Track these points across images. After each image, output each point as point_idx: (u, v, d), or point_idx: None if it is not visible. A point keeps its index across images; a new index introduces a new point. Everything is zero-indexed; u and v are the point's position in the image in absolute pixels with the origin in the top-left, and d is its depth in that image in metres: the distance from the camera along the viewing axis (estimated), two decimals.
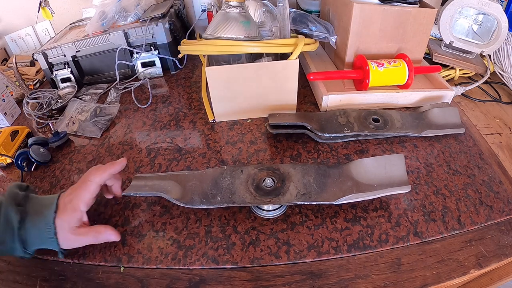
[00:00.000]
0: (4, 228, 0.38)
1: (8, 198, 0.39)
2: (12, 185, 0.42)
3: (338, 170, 0.47)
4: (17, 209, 0.39)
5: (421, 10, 0.62)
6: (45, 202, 0.41)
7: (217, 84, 0.58)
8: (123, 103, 0.71)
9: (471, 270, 0.40)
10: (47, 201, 0.41)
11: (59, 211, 0.40)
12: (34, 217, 0.39)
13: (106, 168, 0.43)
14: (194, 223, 0.45)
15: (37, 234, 0.39)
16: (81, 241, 0.41)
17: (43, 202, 0.41)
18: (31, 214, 0.39)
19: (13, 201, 0.39)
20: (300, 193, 0.44)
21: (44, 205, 0.41)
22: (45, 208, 0.40)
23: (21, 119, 0.71)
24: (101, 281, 0.40)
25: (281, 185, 0.45)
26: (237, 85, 0.58)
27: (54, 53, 0.73)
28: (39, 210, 0.40)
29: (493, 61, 0.75)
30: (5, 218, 0.38)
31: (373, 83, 0.61)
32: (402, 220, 0.44)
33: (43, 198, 0.42)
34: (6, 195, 0.40)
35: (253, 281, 0.39)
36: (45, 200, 0.42)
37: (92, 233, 0.41)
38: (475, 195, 0.48)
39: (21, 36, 0.96)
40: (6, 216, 0.38)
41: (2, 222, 0.38)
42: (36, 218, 0.39)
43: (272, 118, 0.56)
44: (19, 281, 0.41)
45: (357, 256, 0.41)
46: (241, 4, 0.57)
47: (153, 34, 0.74)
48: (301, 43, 0.56)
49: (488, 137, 0.60)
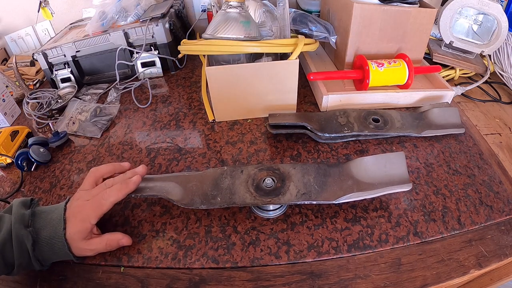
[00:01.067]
0: (19, 253, 0.38)
1: (16, 223, 0.39)
2: (17, 205, 0.41)
3: (338, 169, 0.47)
4: (28, 232, 0.38)
5: (421, 10, 0.62)
6: (52, 217, 0.41)
7: (217, 84, 0.58)
8: (123, 103, 0.71)
9: (471, 270, 0.40)
10: (55, 215, 0.41)
11: (69, 224, 0.40)
12: (45, 236, 0.39)
13: (123, 190, 0.43)
14: (194, 223, 0.45)
15: (51, 251, 0.39)
16: (94, 251, 0.41)
17: (51, 217, 0.41)
18: (42, 234, 0.39)
19: (22, 224, 0.39)
20: (300, 192, 0.43)
21: (52, 220, 0.40)
22: (54, 225, 0.40)
23: (21, 119, 0.71)
24: (101, 281, 0.40)
25: (281, 185, 0.44)
26: (237, 85, 0.58)
27: (54, 53, 0.73)
28: (49, 227, 0.40)
29: (493, 61, 0.75)
30: (18, 243, 0.38)
31: (373, 83, 0.61)
32: (402, 220, 0.44)
33: (50, 212, 0.41)
34: (13, 219, 0.39)
35: (253, 281, 0.39)
36: (52, 214, 0.41)
37: (104, 242, 0.41)
38: (475, 195, 0.48)
39: (21, 36, 0.96)
40: (19, 241, 0.38)
41: (17, 247, 0.38)
42: (47, 236, 0.39)
43: (272, 118, 0.56)
44: (19, 281, 0.42)
45: (357, 256, 0.41)
46: (241, 4, 0.57)
47: (153, 34, 0.74)
48: (301, 43, 0.56)
49: (488, 137, 0.60)
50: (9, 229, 0.39)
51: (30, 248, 0.38)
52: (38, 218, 0.40)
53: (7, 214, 0.40)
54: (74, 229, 0.40)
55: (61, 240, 0.39)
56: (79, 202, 0.42)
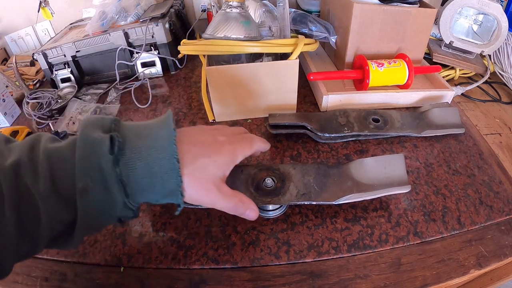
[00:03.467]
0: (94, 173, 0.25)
1: (86, 126, 0.26)
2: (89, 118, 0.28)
3: (338, 170, 0.47)
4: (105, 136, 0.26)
5: (421, 10, 0.62)
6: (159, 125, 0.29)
7: (217, 84, 0.58)
8: (123, 103, 0.71)
9: (471, 270, 0.40)
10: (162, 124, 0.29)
11: (198, 143, 0.30)
12: (137, 142, 0.27)
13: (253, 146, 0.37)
14: (194, 223, 0.45)
15: (147, 167, 0.27)
16: (218, 199, 0.32)
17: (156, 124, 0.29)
18: (130, 140, 0.27)
19: (98, 127, 0.27)
20: (300, 193, 0.43)
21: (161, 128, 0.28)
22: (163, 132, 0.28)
23: (21, 119, 0.71)
24: (101, 281, 0.40)
25: (281, 185, 0.44)
26: (237, 85, 0.58)
27: (54, 53, 0.73)
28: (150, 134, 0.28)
29: (493, 61, 0.75)
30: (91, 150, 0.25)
31: (373, 83, 0.61)
32: (402, 220, 0.44)
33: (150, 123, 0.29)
34: (83, 124, 0.27)
35: (253, 281, 0.39)
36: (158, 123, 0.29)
37: (236, 198, 0.33)
38: (475, 195, 0.48)
39: (21, 36, 0.96)
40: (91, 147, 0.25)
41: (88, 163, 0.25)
42: (142, 142, 0.28)
43: (272, 118, 0.56)
44: (19, 281, 0.41)
45: (357, 256, 0.41)
46: (241, 4, 0.57)
47: (153, 34, 0.74)
48: (301, 43, 0.56)
49: (488, 137, 0.60)
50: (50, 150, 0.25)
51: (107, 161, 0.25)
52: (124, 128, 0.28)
53: None
54: (216, 157, 0.30)
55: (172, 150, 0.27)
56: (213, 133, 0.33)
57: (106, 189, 0.26)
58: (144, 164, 0.27)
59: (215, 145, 0.33)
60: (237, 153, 0.34)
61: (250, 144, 0.37)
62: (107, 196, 0.27)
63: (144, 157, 0.27)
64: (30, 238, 0.25)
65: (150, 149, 0.28)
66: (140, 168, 0.27)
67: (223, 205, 0.33)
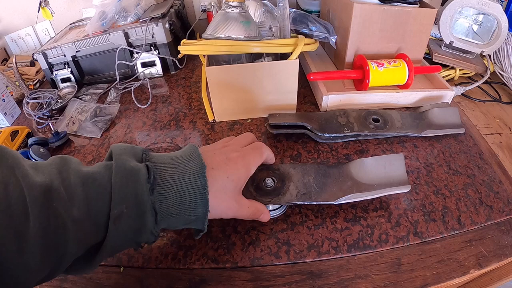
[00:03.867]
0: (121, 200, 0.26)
1: (121, 155, 0.28)
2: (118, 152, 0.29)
3: (338, 170, 0.47)
4: (142, 166, 0.28)
5: (421, 10, 0.62)
6: (186, 164, 0.30)
7: (217, 84, 0.58)
8: (123, 103, 0.71)
9: (471, 270, 0.40)
10: (184, 154, 0.31)
11: (214, 173, 0.31)
12: (169, 172, 0.29)
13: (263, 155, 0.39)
14: None
15: (177, 196, 0.29)
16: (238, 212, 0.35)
17: (177, 155, 0.31)
18: (162, 170, 0.29)
19: (132, 156, 0.28)
20: (301, 193, 0.43)
21: (183, 158, 0.30)
22: (188, 161, 0.30)
23: (21, 119, 0.71)
24: (101, 281, 0.40)
25: (281, 185, 0.44)
26: (237, 85, 0.58)
27: (54, 53, 0.73)
28: (176, 164, 0.30)
29: (493, 61, 0.75)
30: (127, 177, 0.26)
31: (373, 83, 0.61)
32: (402, 220, 0.44)
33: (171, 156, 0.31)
34: (115, 156, 0.28)
35: (253, 281, 0.39)
36: (177, 155, 0.31)
37: (253, 207, 0.36)
38: (475, 195, 0.48)
39: (21, 36, 0.96)
40: (126, 174, 0.26)
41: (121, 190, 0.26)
42: (174, 173, 0.29)
43: (272, 118, 0.56)
44: None
45: (357, 256, 0.41)
46: (241, 4, 0.57)
47: (153, 34, 0.74)
48: (301, 43, 0.56)
49: (488, 137, 0.60)
50: None
51: (146, 185, 0.26)
52: (152, 159, 0.30)
53: None
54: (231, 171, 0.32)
55: (200, 186, 0.29)
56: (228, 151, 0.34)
57: (139, 216, 0.27)
58: (175, 193, 0.29)
59: (229, 163, 0.35)
60: (250, 165, 0.37)
61: (261, 154, 0.39)
62: (139, 223, 0.28)
63: (175, 187, 0.29)
64: (52, 262, 0.25)
65: (181, 180, 0.29)
66: (171, 198, 0.29)
67: (242, 215, 0.37)
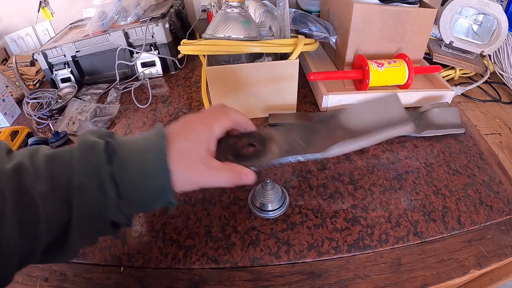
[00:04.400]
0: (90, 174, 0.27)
1: (84, 133, 0.29)
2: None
3: (325, 123, 0.41)
4: (99, 140, 0.28)
5: (421, 10, 0.62)
6: (142, 137, 0.31)
7: (217, 84, 0.58)
8: (123, 103, 0.71)
9: (471, 270, 0.40)
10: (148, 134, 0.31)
11: (174, 137, 0.30)
12: (129, 145, 0.30)
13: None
14: (194, 223, 0.45)
15: (137, 165, 0.29)
16: (211, 177, 0.32)
17: (139, 138, 0.31)
18: (123, 144, 0.29)
19: (95, 135, 0.29)
20: (284, 150, 0.38)
21: (143, 137, 0.31)
22: (148, 136, 0.30)
23: (21, 119, 0.71)
24: (101, 281, 0.40)
25: (262, 148, 0.39)
26: (237, 85, 0.58)
27: (54, 53, 0.73)
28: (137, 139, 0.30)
29: (493, 61, 0.75)
30: (87, 151, 0.27)
31: (373, 83, 0.61)
32: (402, 220, 0.44)
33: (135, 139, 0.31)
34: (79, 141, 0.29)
35: (253, 281, 0.39)
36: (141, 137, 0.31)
37: (228, 169, 0.33)
38: (475, 195, 0.48)
39: (21, 36, 0.96)
40: (88, 149, 0.28)
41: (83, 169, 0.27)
42: (134, 145, 0.30)
43: (272, 118, 0.56)
44: (19, 281, 0.41)
45: (357, 256, 0.41)
46: (241, 4, 0.57)
47: (153, 34, 0.74)
48: (301, 43, 0.56)
49: (488, 137, 0.60)
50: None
51: (103, 159, 0.27)
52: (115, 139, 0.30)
53: None
54: (188, 138, 0.31)
55: (158, 152, 0.29)
56: None
57: (100, 186, 0.27)
58: (135, 164, 0.29)
59: (188, 125, 0.34)
60: (213, 126, 0.34)
61: (225, 114, 0.36)
62: (101, 195, 0.28)
63: (135, 157, 0.29)
64: (29, 239, 0.26)
65: (140, 151, 0.30)
66: (131, 168, 0.29)
67: (217, 180, 0.33)
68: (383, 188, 0.49)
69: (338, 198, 0.47)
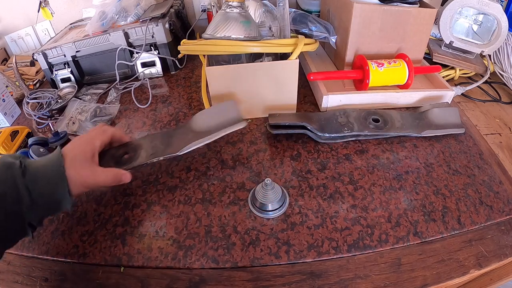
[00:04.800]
0: None
1: (3, 157, 0.38)
2: None
3: (181, 129, 0.53)
4: (15, 160, 0.37)
5: (421, 10, 0.62)
6: (47, 157, 0.40)
7: (217, 84, 0.58)
8: (123, 103, 0.71)
9: (471, 270, 0.40)
10: (50, 155, 0.41)
11: (69, 151, 0.41)
12: (37, 165, 0.38)
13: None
14: (194, 223, 0.45)
15: (43, 176, 0.38)
16: (97, 178, 0.42)
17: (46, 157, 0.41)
18: (33, 163, 0.38)
19: (12, 158, 0.37)
20: (149, 153, 0.49)
21: (48, 157, 0.40)
22: (50, 157, 0.40)
23: (21, 119, 0.71)
24: (101, 281, 0.40)
25: (134, 154, 0.49)
26: (237, 85, 0.58)
27: (54, 53, 0.73)
28: (44, 160, 0.40)
29: (493, 61, 0.75)
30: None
31: (373, 83, 0.61)
32: (402, 220, 0.44)
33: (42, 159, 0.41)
34: None
35: (253, 281, 0.39)
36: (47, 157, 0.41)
37: (111, 172, 0.44)
38: (475, 195, 0.48)
39: (21, 36, 0.96)
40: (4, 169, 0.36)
41: None
42: (40, 164, 0.38)
43: (272, 118, 0.56)
44: (19, 281, 0.41)
45: (357, 256, 0.41)
46: (241, 4, 0.57)
47: (153, 34, 0.74)
48: (301, 43, 0.56)
49: (488, 137, 0.60)
50: None
51: (18, 173, 0.36)
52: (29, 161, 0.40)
53: None
54: (76, 150, 0.41)
55: (57, 164, 0.38)
56: None
57: (17, 193, 0.35)
58: (42, 175, 0.38)
59: (76, 140, 0.45)
60: (94, 139, 0.45)
61: (103, 132, 0.47)
62: (18, 200, 0.35)
63: (41, 170, 0.38)
64: None
65: (44, 165, 0.39)
66: (39, 178, 0.37)
67: (103, 180, 0.43)
68: (383, 188, 0.49)
69: (338, 198, 0.47)
